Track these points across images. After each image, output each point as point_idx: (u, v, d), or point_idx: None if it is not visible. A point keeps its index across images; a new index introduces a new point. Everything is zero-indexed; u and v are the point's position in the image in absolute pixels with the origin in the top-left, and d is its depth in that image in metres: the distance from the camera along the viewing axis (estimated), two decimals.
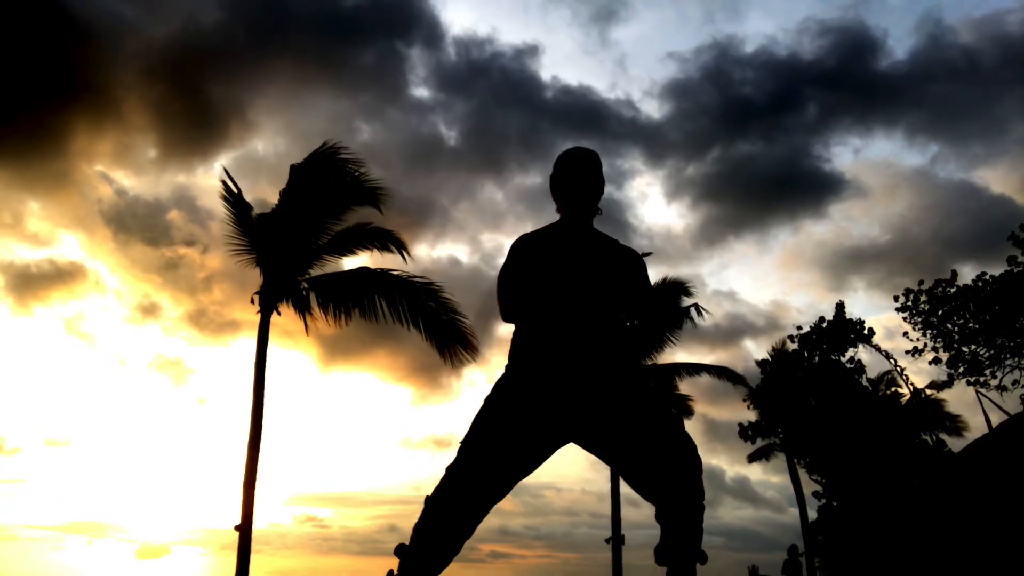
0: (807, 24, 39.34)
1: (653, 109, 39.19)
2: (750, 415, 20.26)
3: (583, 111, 35.08)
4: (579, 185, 2.43)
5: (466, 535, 2.24)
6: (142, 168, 21.95)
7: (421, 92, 33.89)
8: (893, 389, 18.48)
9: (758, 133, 37.18)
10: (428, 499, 2.26)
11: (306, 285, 10.96)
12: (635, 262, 2.47)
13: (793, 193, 36.21)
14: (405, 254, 11.02)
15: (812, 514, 19.13)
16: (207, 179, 26.19)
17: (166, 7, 25.25)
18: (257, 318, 10.70)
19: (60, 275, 22.23)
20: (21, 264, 21.75)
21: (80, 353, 24.05)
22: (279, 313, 10.80)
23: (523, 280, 2.36)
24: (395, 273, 10.80)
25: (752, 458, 21.78)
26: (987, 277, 13.19)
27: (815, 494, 18.83)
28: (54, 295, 22.29)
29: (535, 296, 2.34)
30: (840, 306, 18.40)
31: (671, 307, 17.10)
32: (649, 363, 17.28)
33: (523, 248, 2.42)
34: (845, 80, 35.35)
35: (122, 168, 23.78)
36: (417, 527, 2.25)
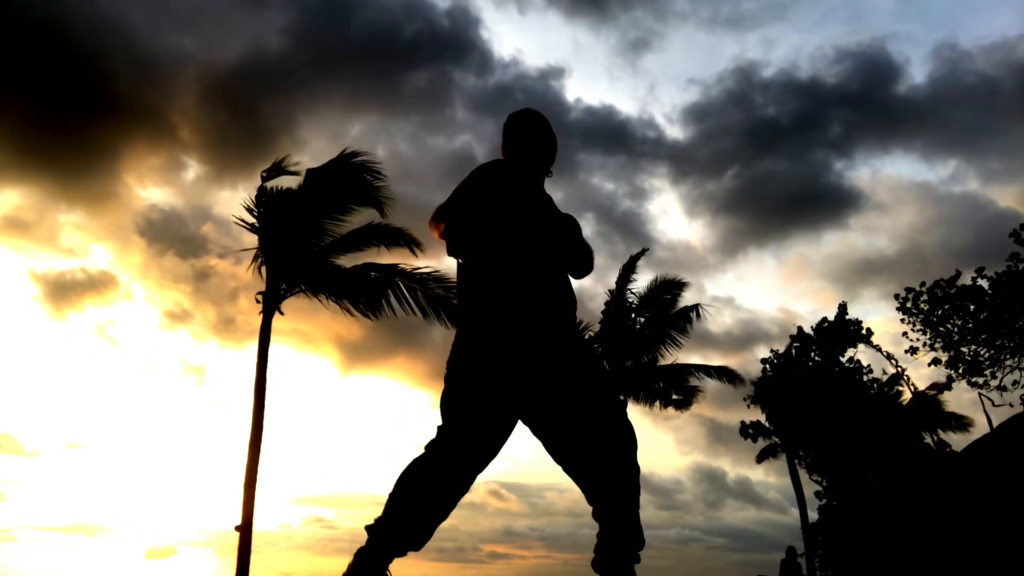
0: (827, 51, 40.70)
1: (677, 130, 40.31)
2: (753, 417, 20.27)
3: (610, 130, 36.14)
4: (547, 146, 2.46)
5: (448, 513, 2.12)
6: (184, 185, 22.83)
7: (459, 113, 34.82)
8: (894, 389, 18.51)
9: (779, 153, 38.55)
10: (408, 472, 2.11)
11: (312, 282, 10.94)
12: (575, 224, 2.48)
13: (811, 209, 37.19)
14: (415, 249, 10.90)
15: (813, 515, 19.13)
16: (248, 196, 26.92)
17: (222, 35, 25.97)
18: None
19: (93, 284, 22.97)
20: (55, 273, 22.46)
21: (107, 359, 24.58)
22: (281, 313, 10.84)
23: (493, 216, 2.21)
24: (402, 267, 10.76)
25: (760, 458, 21.71)
26: (986, 274, 13.18)
27: (816, 494, 18.84)
28: (86, 302, 23.01)
29: (506, 240, 2.21)
30: (843, 307, 18.44)
31: (670, 306, 17.05)
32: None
33: (492, 179, 2.28)
34: (866, 103, 36.70)
35: (165, 185, 24.56)
36: (394, 504, 2.08)
